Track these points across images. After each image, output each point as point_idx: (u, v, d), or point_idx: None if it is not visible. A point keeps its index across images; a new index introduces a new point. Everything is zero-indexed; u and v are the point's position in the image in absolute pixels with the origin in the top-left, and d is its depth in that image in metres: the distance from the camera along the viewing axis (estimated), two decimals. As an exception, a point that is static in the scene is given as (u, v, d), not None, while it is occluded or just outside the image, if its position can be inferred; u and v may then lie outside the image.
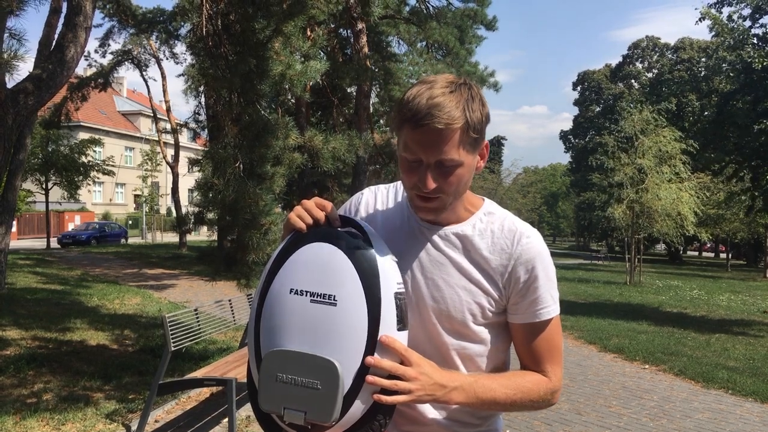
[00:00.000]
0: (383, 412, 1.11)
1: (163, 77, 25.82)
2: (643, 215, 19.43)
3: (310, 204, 1.19)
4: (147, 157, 34.44)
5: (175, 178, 24.89)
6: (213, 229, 5.32)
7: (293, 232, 1.18)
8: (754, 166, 13.99)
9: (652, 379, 6.45)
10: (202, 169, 5.10)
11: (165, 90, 26.01)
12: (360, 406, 1.08)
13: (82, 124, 36.49)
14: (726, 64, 17.91)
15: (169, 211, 42.14)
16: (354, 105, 13.19)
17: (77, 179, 23.85)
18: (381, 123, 16.74)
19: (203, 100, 17.15)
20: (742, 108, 15.29)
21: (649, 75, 49.66)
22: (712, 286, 20.82)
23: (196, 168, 5.44)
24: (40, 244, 26.84)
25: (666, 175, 18.53)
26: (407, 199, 1.31)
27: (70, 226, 33.89)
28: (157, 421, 4.54)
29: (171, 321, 4.18)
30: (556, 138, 66.55)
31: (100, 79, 19.59)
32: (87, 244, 27.45)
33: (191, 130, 22.97)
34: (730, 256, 38.86)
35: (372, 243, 1.15)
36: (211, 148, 5.13)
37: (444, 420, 1.25)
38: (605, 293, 16.34)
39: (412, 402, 1.13)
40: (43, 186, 23.48)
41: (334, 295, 1.09)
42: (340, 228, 1.18)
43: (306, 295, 1.10)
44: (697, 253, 61.95)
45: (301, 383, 1.07)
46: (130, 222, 40.06)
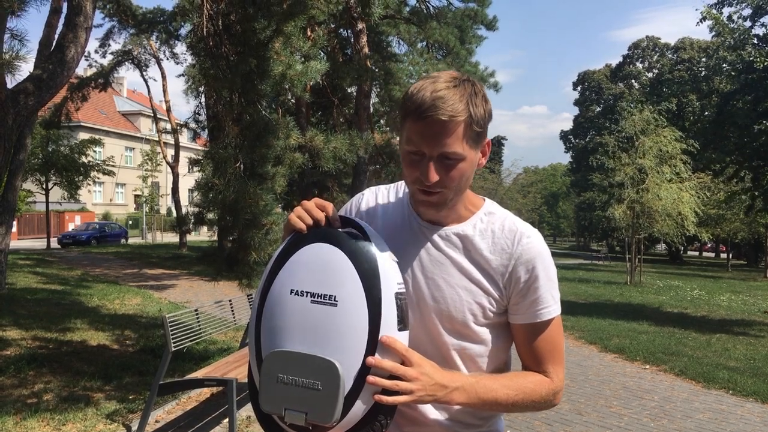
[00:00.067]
0: (384, 413, 1.11)
1: (164, 77, 25.85)
2: (644, 215, 19.42)
3: (310, 205, 1.19)
4: (147, 157, 34.45)
5: (175, 178, 24.90)
6: (213, 229, 5.32)
7: (293, 232, 1.18)
8: (754, 166, 13.98)
9: (652, 380, 6.45)
10: (202, 169, 5.11)
11: (165, 90, 26.03)
12: (361, 406, 1.08)
13: (82, 124, 36.50)
14: (726, 64, 17.90)
15: (169, 212, 42.14)
16: (354, 105, 13.20)
17: (77, 179, 23.86)
18: (381, 123, 16.74)
19: (203, 100, 17.15)
20: (742, 108, 15.29)
21: (650, 75, 49.66)
22: (713, 286, 20.81)
23: (197, 168, 5.44)
24: (40, 244, 26.84)
25: (666, 175, 18.52)
26: (408, 195, 1.31)
27: (71, 227, 33.90)
28: (157, 421, 4.53)
29: (171, 321, 4.17)
30: (557, 138, 66.65)
31: (100, 79, 19.60)
32: (87, 244, 27.45)
33: (191, 130, 22.98)
34: (731, 256, 38.85)
35: (372, 243, 1.15)
36: (211, 148, 5.13)
37: (445, 420, 1.25)
38: (606, 293, 16.33)
39: (413, 402, 1.12)
40: (44, 186, 23.48)
41: (335, 296, 1.09)
42: (341, 228, 1.17)
43: (306, 295, 1.10)
44: (698, 253, 61.94)
45: (302, 384, 1.07)
46: (131, 222, 40.07)
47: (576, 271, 25.68)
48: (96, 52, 22.21)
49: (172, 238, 32.75)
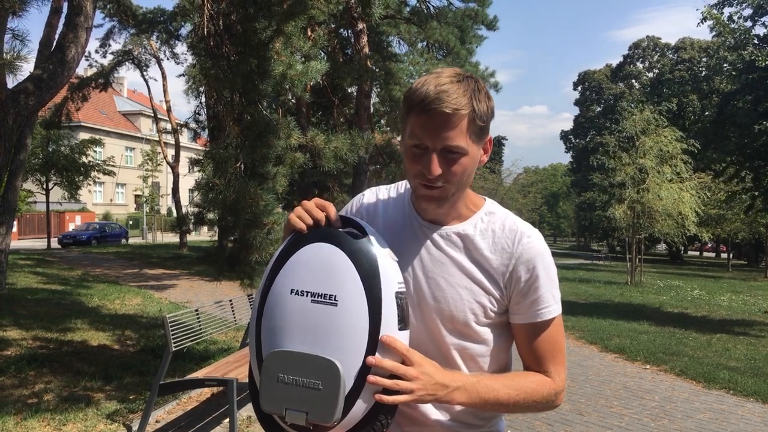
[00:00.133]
0: (385, 413, 1.11)
1: (164, 77, 25.84)
2: (644, 215, 19.41)
3: (310, 205, 1.19)
4: (147, 157, 34.46)
5: (175, 178, 24.90)
6: (214, 229, 5.33)
7: (294, 232, 1.18)
8: (755, 166, 13.97)
9: (653, 380, 6.44)
10: (202, 169, 5.11)
11: (165, 90, 26.02)
12: (362, 406, 1.08)
13: (82, 124, 36.50)
14: (727, 64, 17.89)
15: (169, 212, 42.14)
16: (354, 105, 13.20)
17: (78, 179, 23.86)
18: (382, 123, 16.74)
19: (204, 100, 17.16)
20: (742, 108, 15.28)
21: (650, 75, 49.64)
22: (713, 286, 20.80)
23: (197, 168, 5.44)
24: (40, 244, 26.85)
25: (667, 175, 18.52)
26: (409, 194, 1.31)
27: (71, 227, 33.90)
28: (158, 421, 4.53)
29: (172, 321, 4.17)
30: (557, 138, 66.61)
31: (100, 79, 19.61)
32: (87, 244, 27.46)
33: (192, 130, 22.98)
34: (731, 256, 38.84)
35: (372, 243, 1.15)
36: (212, 148, 5.14)
37: (447, 420, 1.25)
38: (606, 293, 16.33)
39: (414, 402, 1.12)
40: (44, 186, 23.49)
41: (335, 295, 1.09)
42: (341, 228, 1.17)
43: (307, 295, 1.10)
44: (698, 253, 61.91)
45: (303, 384, 1.07)
46: (131, 222, 40.08)
47: (576, 271, 25.67)
48: (96, 52, 22.21)
49: (172, 238, 32.74)
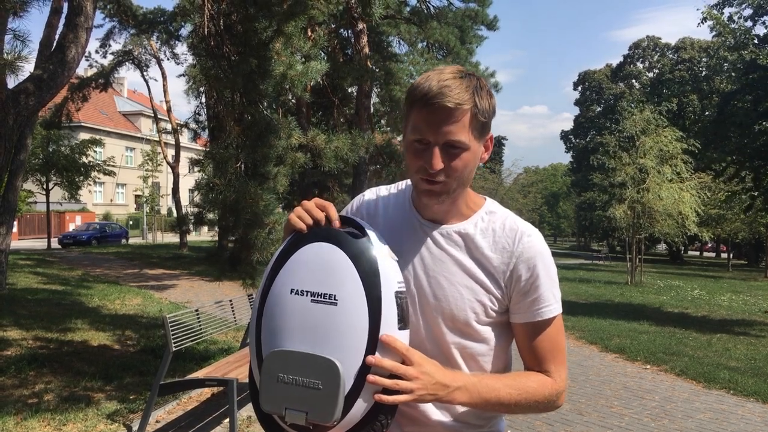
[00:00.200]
0: (385, 412, 1.11)
1: (164, 77, 25.85)
2: (644, 215, 19.41)
3: (310, 204, 1.19)
4: (148, 157, 34.46)
5: (175, 178, 24.91)
6: (214, 229, 5.33)
7: (294, 232, 1.18)
8: (755, 166, 13.97)
9: (653, 380, 6.44)
10: (203, 170, 5.11)
11: (166, 90, 26.03)
12: (362, 405, 1.08)
13: (82, 124, 36.50)
14: (727, 64, 17.89)
15: (169, 212, 42.14)
16: (354, 105, 13.21)
17: (78, 180, 23.87)
18: (382, 123, 16.75)
19: (204, 100, 17.17)
20: (742, 108, 15.27)
21: (650, 75, 49.63)
22: (714, 286, 20.80)
23: (197, 168, 5.44)
24: (40, 244, 26.85)
25: (667, 175, 18.51)
26: (410, 193, 1.32)
27: (71, 227, 33.90)
28: (158, 421, 4.53)
29: (172, 321, 4.17)
30: (557, 138, 66.59)
31: (100, 80, 19.62)
32: (88, 244, 27.46)
33: (192, 131, 22.96)
34: (731, 256, 38.83)
35: (372, 242, 1.14)
36: (212, 148, 5.14)
37: (447, 420, 1.25)
38: (606, 293, 16.33)
39: (414, 401, 1.12)
40: (44, 186, 23.49)
41: (335, 295, 1.09)
42: (341, 228, 1.17)
43: (307, 295, 1.10)
44: (698, 253, 61.90)
45: (303, 383, 1.07)
46: (131, 222, 40.08)
47: (576, 271, 25.67)
48: (96, 52, 22.23)
49: (172, 238, 32.75)
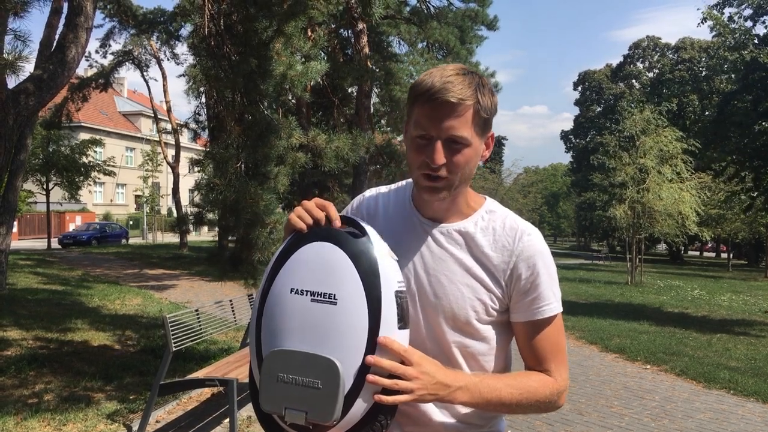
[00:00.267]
0: (385, 413, 1.11)
1: (164, 77, 25.86)
2: (645, 215, 19.40)
3: (310, 204, 1.19)
4: (148, 157, 34.45)
5: (175, 178, 24.91)
6: (214, 229, 5.34)
7: (294, 232, 1.18)
8: (755, 166, 13.98)
9: (653, 380, 6.44)
10: (203, 170, 5.11)
11: (166, 90, 26.03)
12: (361, 405, 1.08)
13: (82, 124, 36.50)
14: (727, 64, 17.89)
15: (169, 212, 42.14)
16: (354, 105, 13.21)
17: (78, 180, 23.86)
18: (382, 123, 16.75)
19: (204, 100, 17.17)
20: (742, 108, 15.28)
21: (650, 75, 49.62)
22: (714, 286, 20.79)
23: (197, 168, 5.44)
24: (40, 244, 26.84)
25: (667, 175, 18.50)
26: (411, 190, 1.33)
27: (71, 227, 33.90)
28: (158, 421, 4.53)
29: (172, 321, 4.17)
30: (557, 138, 66.62)
31: (100, 80, 19.61)
32: (88, 244, 27.46)
33: (192, 131, 22.97)
34: (732, 256, 38.82)
35: (372, 242, 1.14)
36: (212, 148, 5.14)
37: (448, 420, 1.25)
38: (606, 293, 16.33)
39: (414, 401, 1.12)
40: (44, 186, 23.49)
41: (335, 294, 1.08)
42: (341, 227, 1.17)
43: (306, 294, 1.10)
44: (698, 253, 61.89)
45: (302, 383, 1.06)
46: (131, 222, 40.07)
47: (577, 271, 25.66)
48: (96, 52, 22.25)
49: (172, 238, 32.74)
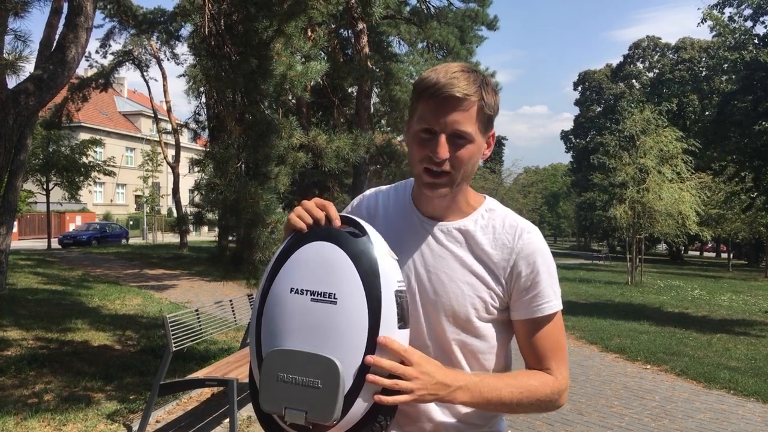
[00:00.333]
0: (384, 413, 1.11)
1: (164, 77, 25.86)
2: (645, 215, 19.39)
3: (310, 204, 1.19)
4: (148, 157, 34.45)
5: (175, 178, 24.92)
6: (214, 229, 5.34)
7: (294, 232, 1.17)
8: (755, 166, 13.98)
9: (653, 379, 6.44)
10: (203, 170, 5.11)
11: (166, 90, 26.03)
12: (361, 405, 1.07)
13: (82, 124, 36.49)
14: (727, 64, 17.90)
15: (169, 212, 42.14)
16: (355, 105, 13.20)
17: (78, 180, 23.86)
18: (382, 123, 16.75)
19: (204, 100, 17.15)
20: (742, 108, 15.29)
21: (650, 75, 49.62)
22: (714, 286, 20.79)
23: (197, 168, 5.45)
24: (41, 244, 26.84)
25: (667, 175, 18.50)
26: (411, 189, 1.33)
27: (71, 227, 33.89)
28: (158, 421, 4.53)
29: (172, 321, 4.17)
30: (557, 138, 66.66)
31: (100, 80, 19.61)
32: (88, 244, 27.45)
33: (192, 131, 22.97)
34: (732, 256, 38.82)
35: (372, 241, 1.14)
36: (212, 148, 5.14)
37: (449, 420, 1.25)
38: (606, 293, 16.32)
39: (414, 402, 1.12)
40: (44, 186, 23.49)
41: (334, 294, 1.08)
42: (341, 227, 1.17)
43: (306, 294, 1.10)
44: (699, 253, 61.88)
45: (302, 383, 1.06)
46: (131, 222, 40.08)
47: (577, 271, 25.66)
48: (97, 52, 22.23)
49: (172, 238, 32.75)
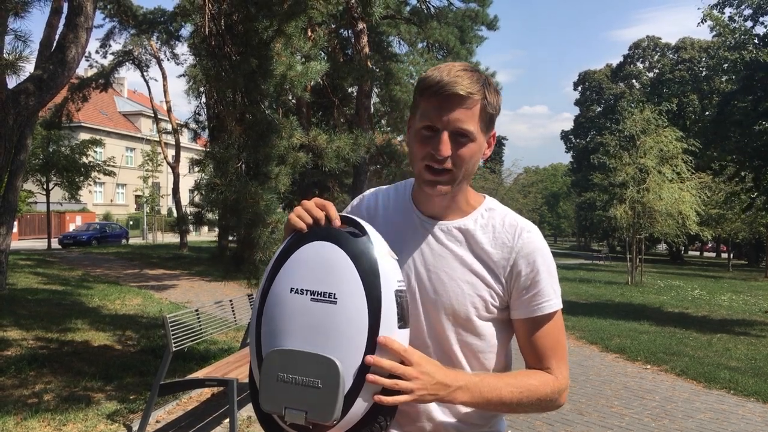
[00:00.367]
0: (384, 413, 1.11)
1: (164, 77, 25.86)
2: (645, 215, 19.39)
3: (310, 204, 1.19)
4: (148, 157, 34.44)
5: (175, 178, 24.92)
6: (214, 229, 5.35)
7: (294, 232, 1.17)
8: (755, 166, 13.98)
9: (653, 380, 6.44)
10: (203, 170, 5.11)
11: (166, 90, 26.03)
12: (361, 405, 1.07)
13: (82, 124, 36.49)
14: (727, 64, 17.90)
15: (169, 212, 42.14)
16: (355, 105, 13.20)
17: (78, 180, 23.86)
18: (382, 123, 16.74)
19: (204, 100, 17.17)
20: (742, 108, 15.29)
21: (650, 75, 49.61)
22: (714, 286, 20.78)
23: (198, 168, 5.45)
24: (41, 244, 26.84)
25: (667, 175, 18.49)
26: (410, 189, 1.33)
27: (71, 227, 33.89)
28: (158, 421, 4.53)
29: (172, 321, 4.17)
30: (557, 138, 66.68)
31: (101, 80, 19.63)
32: (88, 244, 27.46)
33: (192, 131, 22.98)
34: (732, 256, 38.82)
35: (372, 241, 1.14)
36: (212, 148, 5.14)
37: (449, 420, 1.25)
38: (606, 293, 16.32)
39: (415, 402, 1.11)
40: (44, 187, 23.49)
41: (334, 293, 1.08)
42: (341, 227, 1.17)
43: (306, 293, 1.09)
44: (699, 253, 61.88)
45: (302, 382, 1.06)
46: (131, 222, 40.08)
47: (577, 271, 25.66)
48: (97, 52, 22.23)
49: (172, 238, 32.75)
